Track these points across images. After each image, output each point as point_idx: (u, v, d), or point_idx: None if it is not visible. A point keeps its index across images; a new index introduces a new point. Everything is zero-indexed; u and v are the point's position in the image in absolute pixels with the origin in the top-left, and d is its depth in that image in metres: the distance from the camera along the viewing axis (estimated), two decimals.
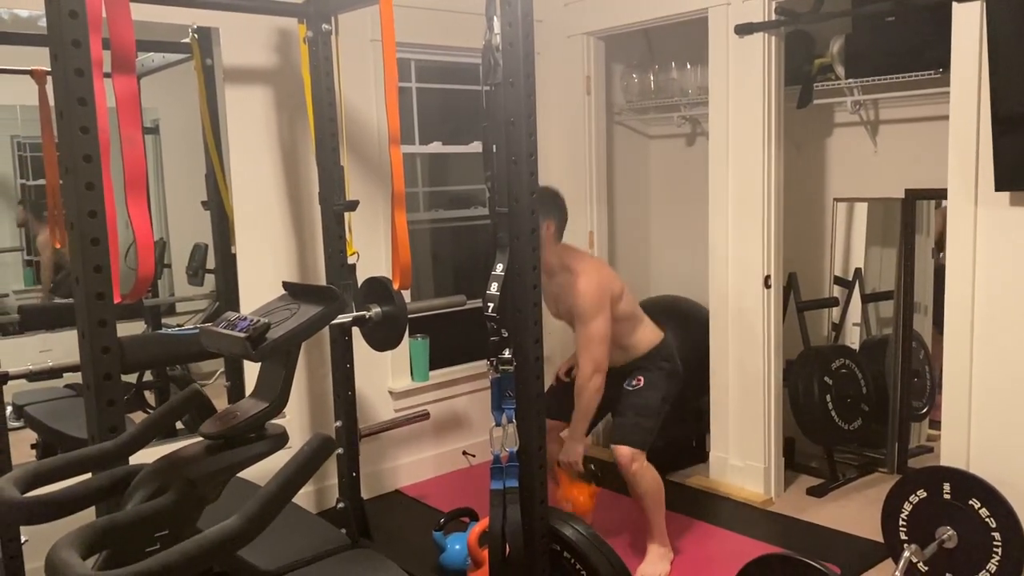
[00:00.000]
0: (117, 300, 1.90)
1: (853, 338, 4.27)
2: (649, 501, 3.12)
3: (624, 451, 3.05)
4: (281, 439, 1.36)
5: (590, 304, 3.01)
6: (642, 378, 3.16)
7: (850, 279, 4.23)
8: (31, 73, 3.17)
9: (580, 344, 3.06)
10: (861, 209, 4.19)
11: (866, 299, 4.24)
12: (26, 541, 2.56)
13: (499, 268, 2.40)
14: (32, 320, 3.47)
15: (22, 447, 3.28)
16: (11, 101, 3.41)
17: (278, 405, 1.35)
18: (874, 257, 4.23)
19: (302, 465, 1.19)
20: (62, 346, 2.19)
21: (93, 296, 1.81)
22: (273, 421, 1.38)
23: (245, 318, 1.36)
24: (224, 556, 1.09)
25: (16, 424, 3.27)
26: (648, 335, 3.22)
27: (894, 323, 4.01)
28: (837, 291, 4.23)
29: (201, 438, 1.35)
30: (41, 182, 3.44)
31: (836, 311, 4.25)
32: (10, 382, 2.40)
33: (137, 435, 1.47)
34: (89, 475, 1.47)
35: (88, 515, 1.45)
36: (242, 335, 1.32)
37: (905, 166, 3.87)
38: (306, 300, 1.43)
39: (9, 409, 3.26)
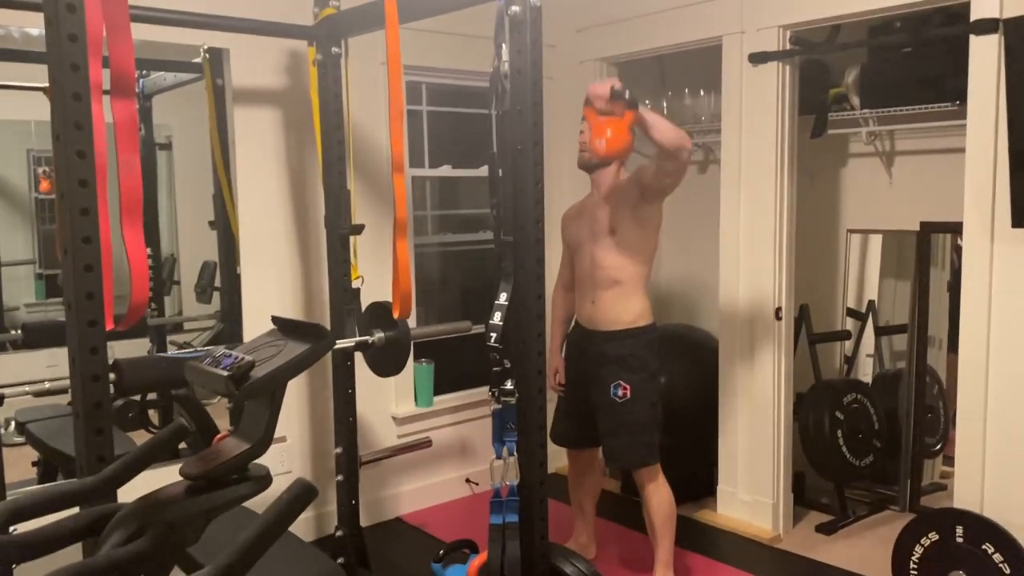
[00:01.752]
0: (110, 327, 1.87)
1: (866, 370, 4.20)
2: (658, 522, 3.05)
3: (638, 474, 3.04)
4: (264, 481, 1.32)
5: None
6: (628, 387, 3.00)
7: (863, 311, 4.16)
8: (44, 91, 3.17)
9: (667, 138, 2.80)
10: (875, 241, 4.13)
11: (879, 332, 4.17)
12: (16, 566, 2.53)
13: (503, 297, 2.37)
14: (35, 336, 3.46)
15: (23, 464, 3.26)
16: (26, 116, 3.44)
17: (261, 446, 1.31)
18: (888, 289, 4.16)
19: (280, 514, 1.15)
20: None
21: (85, 323, 1.78)
22: (257, 462, 1.34)
23: (230, 355, 1.33)
24: None
25: (18, 440, 3.26)
26: (643, 306, 3.07)
27: (908, 357, 3.93)
28: (850, 324, 4.17)
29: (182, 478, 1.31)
30: (53, 196, 3.45)
31: (849, 344, 4.19)
32: (14, 398, 2.38)
33: (121, 470, 1.43)
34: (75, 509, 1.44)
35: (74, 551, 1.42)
36: (225, 373, 1.29)
37: (920, 198, 3.81)
38: (294, 337, 1.40)
39: (12, 426, 3.26)
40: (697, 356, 4.00)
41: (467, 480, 4.18)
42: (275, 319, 1.48)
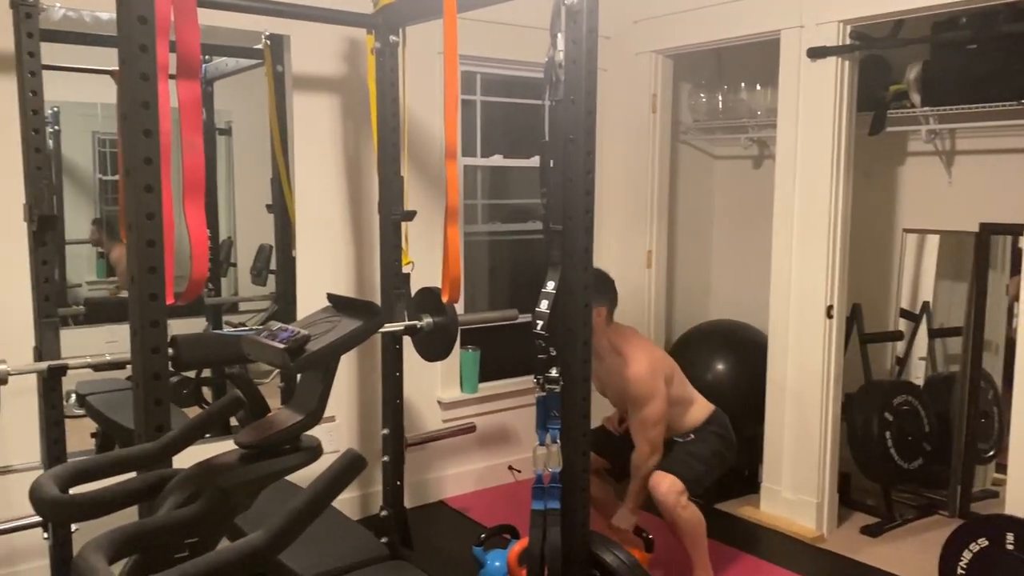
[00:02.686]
0: (170, 301, 1.93)
1: (918, 373, 4.13)
2: (689, 540, 3.06)
3: (665, 478, 2.97)
4: (315, 452, 1.36)
5: (644, 389, 3.00)
6: (694, 434, 3.15)
7: (917, 313, 4.09)
8: (111, 74, 3.26)
9: (635, 427, 3.04)
10: (932, 241, 4.05)
11: (933, 334, 4.09)
12: (76, 530, 2.63)
13: (550, 286, 2.38)
14: (96, 312, 3.57)
15: (83, 435, 3.36)
16: (93, 99, 3.53)
17: (314, 418, 1.35)
18: (944, 291, 4.08)
19: (331, 482, 1.18)
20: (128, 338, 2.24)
21: (147, 297, 1.84)
22: (309, 433, 1.38)
23: (287, 329, 1.37)
24: (247, 570, 1.09)
25: (79, 412, 3.37)
26: (699, 413, 3.20)
27: (962, 360, 3.86)
28: (903, 325, 4.10)
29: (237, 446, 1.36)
30: (117, 178, 3.54)
31: (901, 345, 4.12)
32: (75, 370, 2.47)
33: (178, 438, 1.49)
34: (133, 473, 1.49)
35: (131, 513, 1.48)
36: (281, 346, 1.33)
37: (980, 199, 3.72)
38: (348, 314, 1.43)
39: (73, 397, 3.36)
40: (745, 352, 3.98)
41: (510, 467, 4.21)
42: (330, 296, 1.52)
